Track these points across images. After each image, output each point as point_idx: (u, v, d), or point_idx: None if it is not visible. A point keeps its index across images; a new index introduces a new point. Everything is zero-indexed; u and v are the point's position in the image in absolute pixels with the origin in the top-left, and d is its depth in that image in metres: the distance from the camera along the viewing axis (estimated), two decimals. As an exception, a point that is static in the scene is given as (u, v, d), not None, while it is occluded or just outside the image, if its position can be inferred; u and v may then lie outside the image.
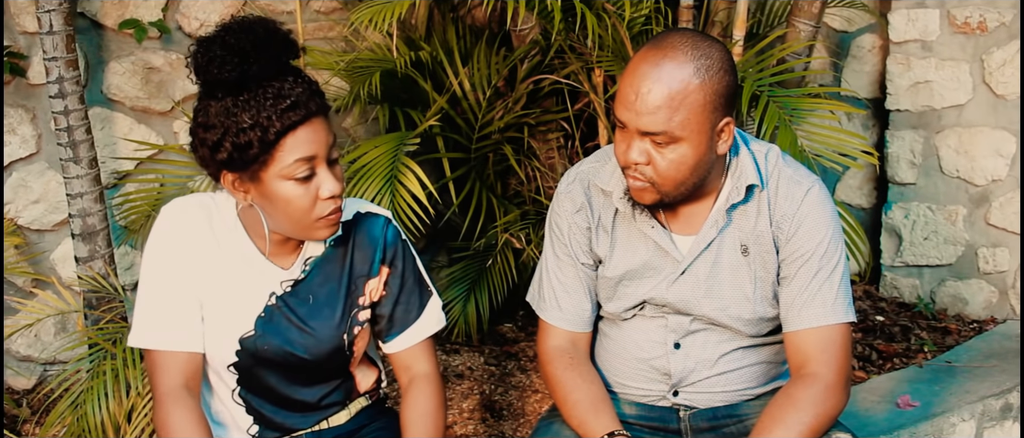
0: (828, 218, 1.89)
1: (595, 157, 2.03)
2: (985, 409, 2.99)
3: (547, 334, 2.04)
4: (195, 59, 1.69)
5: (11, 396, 3.17)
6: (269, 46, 1.68)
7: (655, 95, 1.75)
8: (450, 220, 3.51)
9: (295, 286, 1.87)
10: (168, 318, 1.81)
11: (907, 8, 3.79)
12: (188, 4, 3.30)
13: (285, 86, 1.68)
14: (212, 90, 1.70)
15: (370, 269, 1.91)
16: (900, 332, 3.66)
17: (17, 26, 3.10)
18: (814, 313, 1.87)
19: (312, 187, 1.73)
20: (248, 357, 1.86)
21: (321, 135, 1.72)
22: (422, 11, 3.43)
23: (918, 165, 3.84)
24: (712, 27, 3.37)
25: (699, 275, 1.93)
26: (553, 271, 2.02)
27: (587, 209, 1.98)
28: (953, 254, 3.83)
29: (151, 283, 1.82)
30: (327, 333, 1.87)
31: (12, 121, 3.14)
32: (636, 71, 1.78)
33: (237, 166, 1.71)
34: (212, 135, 1.69)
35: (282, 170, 1.70)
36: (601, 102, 3.24)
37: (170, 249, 1.82)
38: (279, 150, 1.69)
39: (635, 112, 1.77)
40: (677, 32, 1.82)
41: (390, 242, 1.92)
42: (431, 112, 3.20)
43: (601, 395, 1.95)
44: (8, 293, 3.18)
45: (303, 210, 1.74)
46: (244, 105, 1.67)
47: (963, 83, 3.74)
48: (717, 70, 1.78)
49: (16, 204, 3.17)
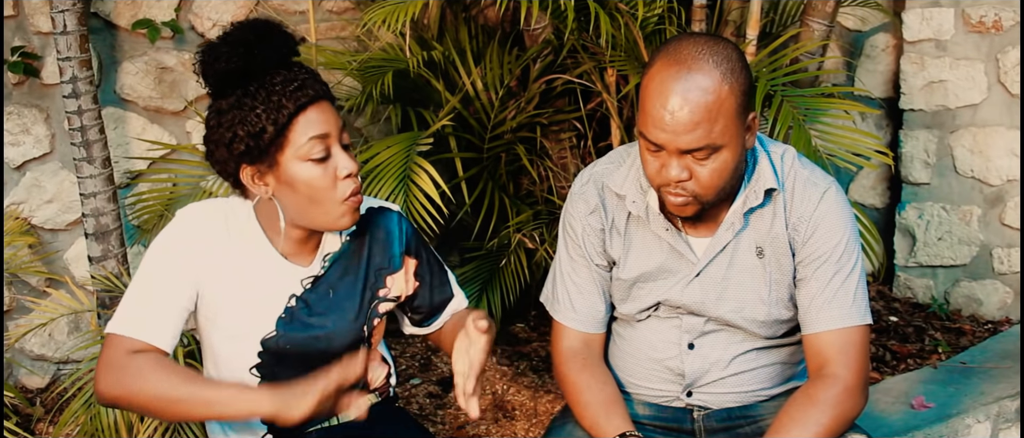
0: (845, 220, 1.88)
1: (609, 158, 2.02)
2: (1000, 410, 2.97)
3: (561, 335, 2.03)
4: (202, 61, 1.74)
5: (25, 395, 3.18)
6: (270, 37, 1.73)
7: (689, 112, 1.71)
8: (462, 220, 3.51)
9: (315, 282, 1.88)
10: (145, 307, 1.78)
11: (921, 7, 3.77)
12: (201, 4, 3.31)
13: (290, 73, 1.73)
14: (221, 89, 1.74)
15: (391, 262, 1.93)
16: (914, 333, 3.65)
17: (31, 26, 3.12)
18: (833, 315, 1.86)
19: (330, 167, 1.75)
20: (270, 357, 1.86)
21: (331, 116, 1.76)
22: (434, 11, 3.43)
23: (932, 165, 3.83)
24: (725, 27, 3.36)
25: (714, 277, 1.93)
26: (567, 273, 2.02)
27: (601, 210, 1.97)
28: (967, 254, 3.81)
29: (140, 274, 1.81)
30: (347, 324, 1.89)
31: (26, 121, 3.15)
32: (663, 90, 1.73)
33: (254, 156, 1.74)
34: (226, 130, 1.73)
35: (298, 151, 1.73)
36: (614, 102, 3.24)
37: (168, 247, 1.81)
38: (292, 130, 1.72)
39: (671, 132, 1.73)
40: (688, 39, 1.79)
41: (409, 234, 1.96)
42: (444, 112, 3.20)
43: (614, 396, 1.95)
44: (22, 292, 3.19)
45: (324, 190, 1.75)
46: (254, 94, 1.71)
47: (978, 82, 3.72)
48: (739, 69, 1.76)
49: (30, 203, 3.18)
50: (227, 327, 1.85)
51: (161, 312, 1.78)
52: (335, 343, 1.88)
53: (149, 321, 1.77)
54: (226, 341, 1.86)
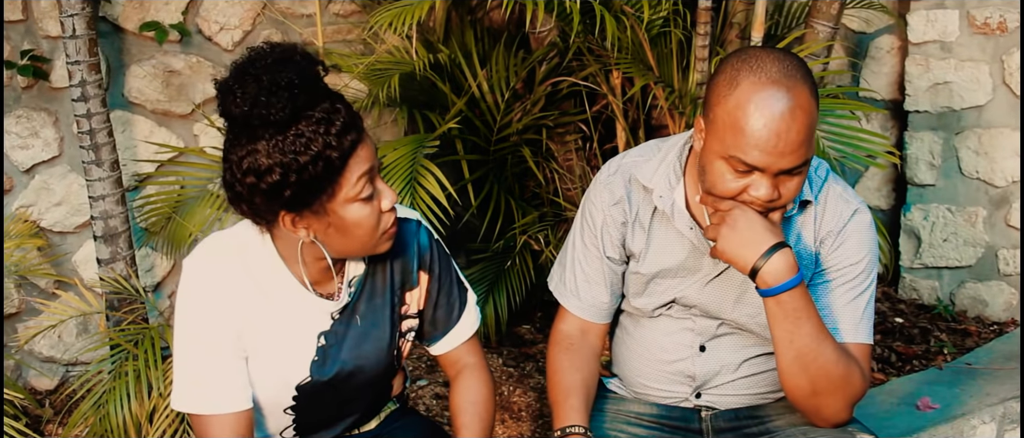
0: (870, 242, 1.89)
1: (640, 150, 1.99)
2: (1006, 411, 2.97)
3: (561, 318, 2.05)
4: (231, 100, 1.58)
5: (34, 396, 3.19)
6: (310, 73, 1.61)
7: (797, 132, 1.67)
8: (468, 222, 3.51)
9: (343, 311, 1.82)
10: (212, 378, 1.72)
11: (926, 9, 3.77)
12: (208, 7, 3.32)
13: (328, 109, 1.61)
14: (256, 133, 1.59)
15: (410, 279, 1.87)
16: (919, 334, 3.65)
17: (40, 30, 3.13)
18: (840, 329, 1.86)
19: (376, 204, 1.69)
20: (305, 398, 1.82)
21: (371, 150, 1.67)
22: (440, 14, 3.44)
23: (937, 166, 3.83)
24: (730, 29, 3.37)
25: (734, 280, 1.92)
26: (578, 259, 2.01)
27: (625, 202, 1.95)
28: (973, 256, 3.82)
29: (188, 342, 1.72)
30: (378, 353, 1.85)
31: (35, 124, 3.16)
32: (768, 113, 1.66)
33: (301, 204, 1.64)
34: (269, 178, 1.59)
35: (348, 194, 1.64)
36: (619, 104, 3.24)
37: (203, 305, 1.71)
38: (345, 175, 1.63)
39: (777, 155, 1.68)
40: (767, 56, 1.72)
41: (425, 247, 1.88)
42: (450, 114, 3.21)
43: (579, 383, 1.94)
44: (31, 294, 3.21)
45: (371, 229, 1.69)
46: (298, 139, 1.58)
47: (983, 84, 3.72)
48: (812, 77, 1.73)
49: (39, 206, 3.20)
50: (261, 375, 1.78)
51: (228, 376, 1.72)
52: (368, 373, 1.85)
53: (222, 392, 1.72)
54: (260, 388, 1.79)
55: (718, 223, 1.76)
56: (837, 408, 1.82)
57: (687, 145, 1.93)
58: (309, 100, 1.59)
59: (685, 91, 3.07)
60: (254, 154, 1.59)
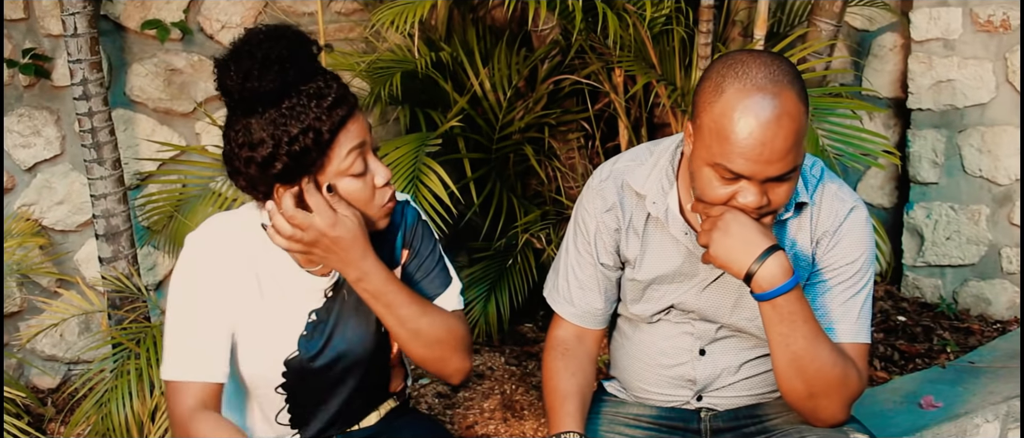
0: (866, 240, 1.87)
1: (631, 155, 1.97)
2: (1009, 410, 2.97)
3: (556, 324, 2.04)
4: (226, 75, 1.65)
5: (36, 395, 3.20)
6: (301, 50, 1.67)
7: (783, 139, 1.64)
8: (471, 220, 3.51)
9: (334, 289, 1.84)
10: (188, 346, 1.75)
11: (929, 7, 3.77)
12: (209, 6, 3.32)
13: (321, 86, 1.68)
14: (250, 106, 1.66)
15: (394, 256, 1.89)
16: (922, 332, 3.64)
17: (42, 29, 3.13)
18: (837, 329, 1.85)
19: (368, 179, 1.73)
20: (295, 375, 1.84)
21: (363, 125, 1.72)
22: (442, 12, 3.43)
23: (940, 165, 3.82)
24: (732, 27, 3.36)
25: (731, 284, 1.91)
26: (572, 266, 2.00)
27: (618, 209, 1.94)
28: (976, 254, 3.81)
29: (172, 311, 1.77)
30: (366, 334, 1.86)
31: (37, 123, 3.16)
32: (753, 120, 1.63)
33: (293, 176, 1.69)
34: (262, 151, 1.66)
35: (339, 168, 1.70)
36: (621, 102, 3.24)
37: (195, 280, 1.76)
38: (334, 149, 1.68)
39: (764, 163, 1.65)
40: (753, 60, 1.69)
41: (409, 224, 1.90)
42: (452, 113, 3.21)
43: (575, 389, 1.94)
44: (33, 293, 3.21)
45: (364, 203, 1.73)
46: (290, 113, 1.65)
47: (986, 82, 3.72)
48: (802, 83, 1.70)
49: (41, 205, 3.20)
50: (251, 348, 1.81)
51: (207, 345, 1.75)
52: (357, 352, 1.86)
53: (198, 358, 1.74)
54: (249, 363, 1.82)
55: (710, 228, 1.74)
56: (834, 409, 1.81)
57: (679, 149, 1.91)
58: (301, 75, 1.66)
59: (687, 89, 3.07)
60: (248, 127, 1.67)
